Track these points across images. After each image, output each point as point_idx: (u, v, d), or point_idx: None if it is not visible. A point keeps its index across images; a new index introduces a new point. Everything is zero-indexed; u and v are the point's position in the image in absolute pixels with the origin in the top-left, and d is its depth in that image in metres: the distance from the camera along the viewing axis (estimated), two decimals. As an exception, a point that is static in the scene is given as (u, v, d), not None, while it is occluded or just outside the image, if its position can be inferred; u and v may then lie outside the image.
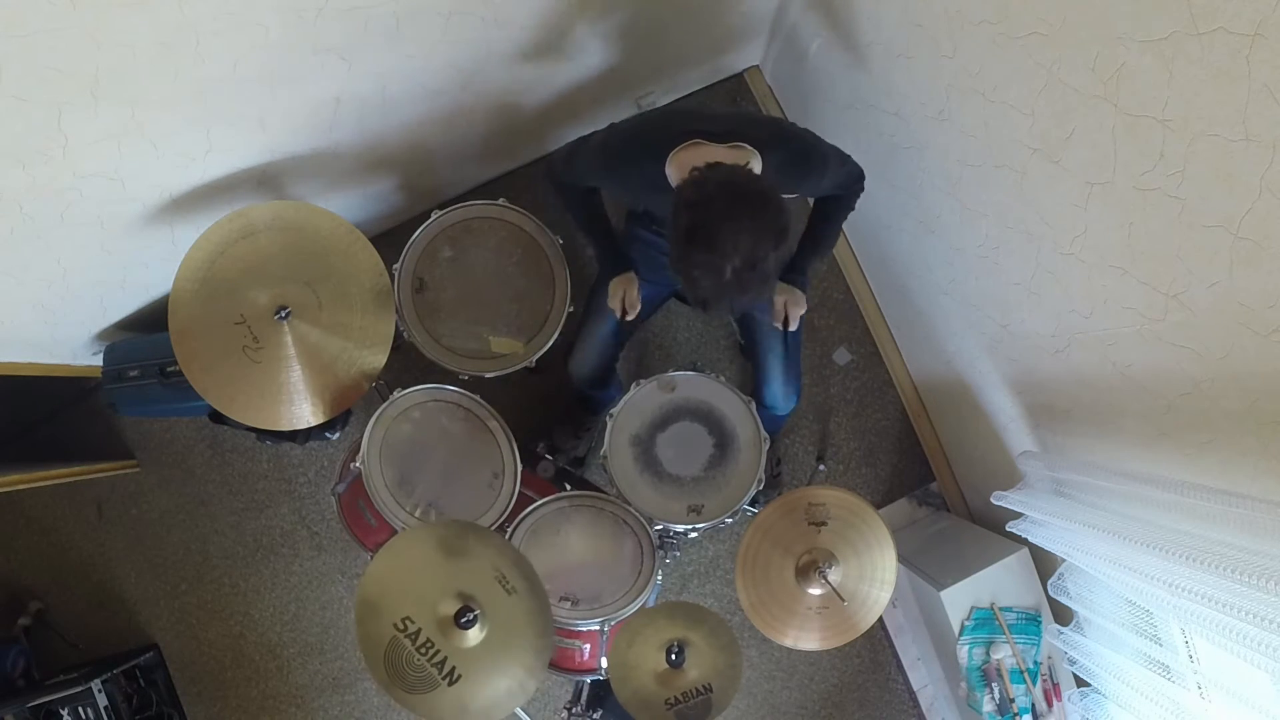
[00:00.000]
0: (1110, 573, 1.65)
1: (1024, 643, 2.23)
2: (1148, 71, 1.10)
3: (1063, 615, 2.17)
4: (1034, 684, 2.23)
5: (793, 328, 1.95)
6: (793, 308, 1.92)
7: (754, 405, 2.09)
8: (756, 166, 1.55)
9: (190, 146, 1.62)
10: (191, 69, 1.37)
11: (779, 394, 2.15)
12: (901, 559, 2.08)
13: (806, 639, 1.80)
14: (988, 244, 1.78)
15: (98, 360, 2.23)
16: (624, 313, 1.96)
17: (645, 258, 2.05)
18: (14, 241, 1.58)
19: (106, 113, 1.36)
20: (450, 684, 1.47)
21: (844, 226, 2.62)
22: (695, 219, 1.37)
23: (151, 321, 2.25)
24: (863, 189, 1.85)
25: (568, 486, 2.07)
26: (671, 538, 2.14)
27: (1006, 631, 2.23)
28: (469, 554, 1.56)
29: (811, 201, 1.93)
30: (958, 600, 2.23)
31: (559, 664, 2.03)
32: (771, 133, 1.64)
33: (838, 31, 1.99)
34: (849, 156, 1.76)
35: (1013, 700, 2.22)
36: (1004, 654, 2.23)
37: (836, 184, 1.78)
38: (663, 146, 1.57)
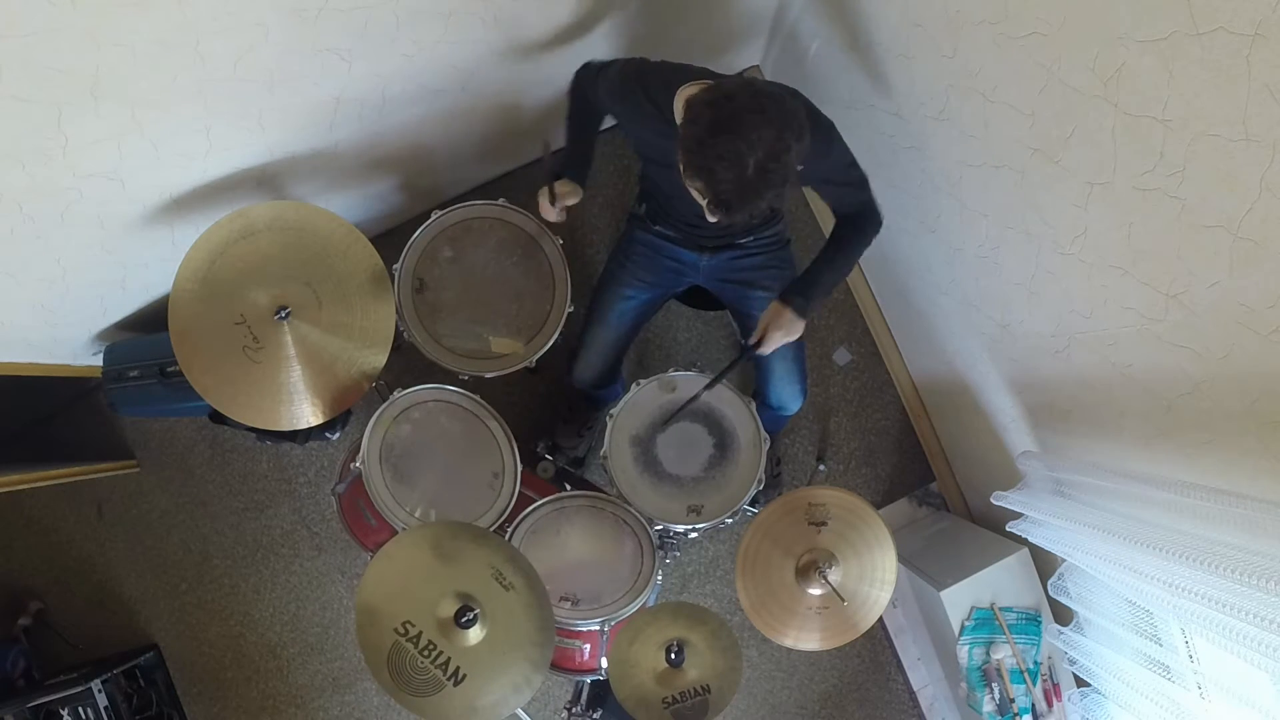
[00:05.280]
0: (1110, 573, 1.65)
1: (1024, 643, 2.24)
2: (1148, 71, 1.11)
3: (1063, 615, 2.17)
4: (1034, 684, 2.23)
5: (765, 350, 1.81)
6: (774, 331, 1.77)
7: (754, 405, 2.09)
8: None
9: (190, 146, 1.62)
10: (191, 69, 1.37)
11: (785, 394, 2.14)
12: (901, 559, 2.08)
13: (806, 639, 1.80)
14: (988, 244, 1.78)
15: (98, 360, 2.23)
16: (547, 209, 1.84)
17: (645, 259, 2.05)
18: (14, 241, 1.58)
19: (106, 113, 1.36)
20: (456, 684, 1.47)
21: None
22: (718, 113, 1.35)
23: (151, 321, 2.25)
24: (880, 222, 1.78)
25: (568, 486, 2.07)
26: (671, 538, 2.14)
27: (1006, 631, 2.23)
28: (464, 554, 1.56)
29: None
30: (958, 600, 2.23)
31: (559, 664, 2.03)
32: (782, 87, 1.61)
33: (838, 31, 1.99)
34: (865, 176, 1.73)
35: (1013, 700, 2.22)
36: (1004, 654, 2.23)
37: (843, 188, 1.74)
38: (676, 78, 1.56)
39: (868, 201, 1.78)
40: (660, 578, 2.09)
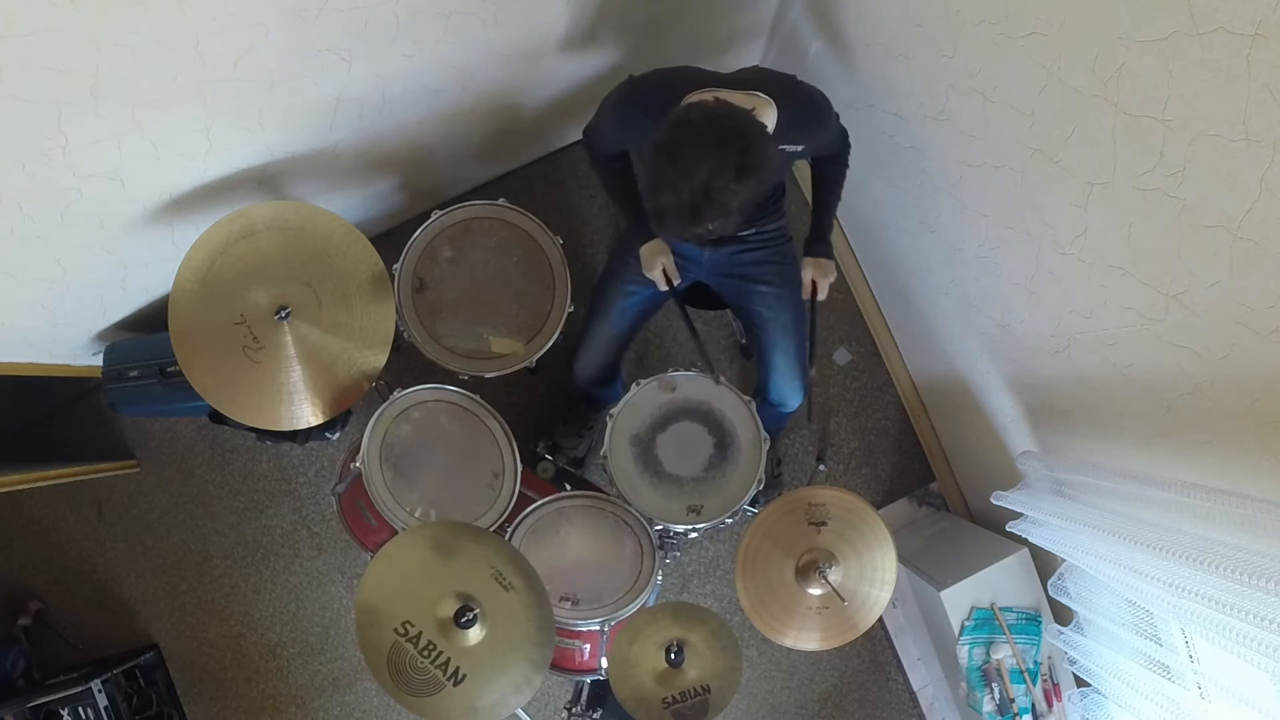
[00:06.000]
0: (1110, 573, 1.65)
1: (1024, 643, 2.24)
2: (1148, 71, 1.11)
3: (1063, 615, 2.17)
4: (1034, 684, 2.23)
5: (821, 296, 1.98)
6: (820, 278, 1.95)
7: (754, 405, 2.09)
8: (769, 116, 1.57)
9: (190, 146, 1.62)
10: (191, 69, 1.37)
11: (785, 389, 2.14)
12: (901, 559, 2.08)
13: (806, 639, 1.80)
14: (988, 244, 1.78)
15: (98, 360, 2.23)
16: (668, 281, 1.97)
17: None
18: (14, 241, 1.58)
19: (106, 113, 1.36)
20: (455, 684, 1.47)
21: (845, 228, 2.66)
22: (671, 135, 1.39)
23: (151, 321, 2.25)
24: (850, 145, 1.89)
25: (567, 486, 2.07)
26: (671, 538, 2.14)
27: (1006, 631, 2.23)
28: (464, 554, 1.56)
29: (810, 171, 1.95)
30: (958, 600, 2.23)
31: (559, 664, 2.03)
32: (785, 83, 1.66)
33: (838, 32, 1.99)
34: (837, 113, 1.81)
35: (1013, 700, 2.22)
36: (1004, 654, 2.23)
37: (832, 138, 1.82)
38: (678, 90, 1.56)
39: (843, 133, 1.85)
40: (660, 578, 2.09)
